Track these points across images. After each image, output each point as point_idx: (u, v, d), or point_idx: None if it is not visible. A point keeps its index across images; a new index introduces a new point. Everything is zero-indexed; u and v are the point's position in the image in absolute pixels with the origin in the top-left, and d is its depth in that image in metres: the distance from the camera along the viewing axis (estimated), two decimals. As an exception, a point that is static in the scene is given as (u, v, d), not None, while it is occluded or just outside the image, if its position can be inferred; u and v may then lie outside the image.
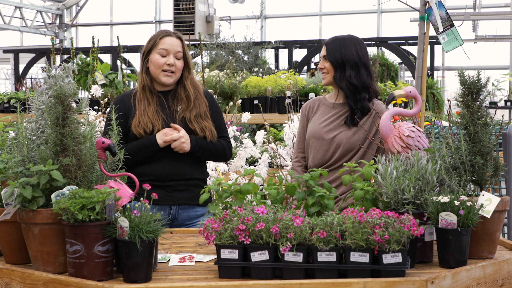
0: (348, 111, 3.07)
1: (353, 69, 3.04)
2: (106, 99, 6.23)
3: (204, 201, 2.48)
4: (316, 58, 11.25)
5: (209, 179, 3.74)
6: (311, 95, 6.66)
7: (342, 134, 3.02)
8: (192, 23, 12.63)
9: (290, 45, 11.97)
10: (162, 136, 2.92)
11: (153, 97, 3.02)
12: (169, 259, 2.27)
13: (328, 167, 3.02)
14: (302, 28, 15.06)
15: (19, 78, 12.08)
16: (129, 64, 9.57)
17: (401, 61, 11.15)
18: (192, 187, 2.99)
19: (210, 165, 4.14)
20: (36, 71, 13.69)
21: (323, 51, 3.10)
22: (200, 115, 3.01)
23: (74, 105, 2.17)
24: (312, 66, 10.88)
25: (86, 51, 10.66)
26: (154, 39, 3.03)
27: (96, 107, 6.11)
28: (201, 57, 6.01)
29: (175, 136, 2.91)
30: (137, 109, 2.99)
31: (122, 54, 8.49)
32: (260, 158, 4.52)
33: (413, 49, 11.17)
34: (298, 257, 1.99)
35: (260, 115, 6.20)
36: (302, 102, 6.34)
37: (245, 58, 11.67)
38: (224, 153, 3.08)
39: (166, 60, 2.98)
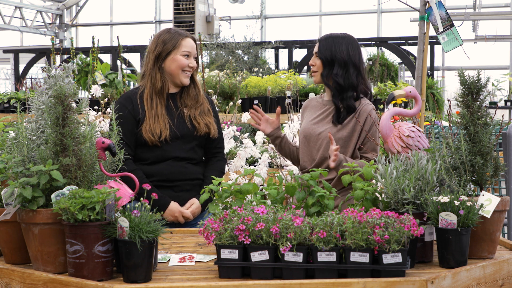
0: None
1: (341, 67, 3.02)
2: (106, 99, 6.22)
3: (204, 201, 2.49)
4: (316, 58, 11.24)
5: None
6: (311, 95, 6.67)
7: (327, 131, 3.01)
8: (192, 23, 12.63)
9: (290, 45, 11.98)
10: (173, 216, 2.95)
11: (163, 99, 3.02)
12: (169, 259, 2.27)
13: (316, 166, 3.00)
14: (302, 28, 15.07)
15: (19, 78, 12.09)
16: (129, 64, 9.57)
17: (401, 61, 11.15)
18: (197, 187, 3.02)
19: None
20: (36, 71, 13.70)
21: (316, 47, 3.10)
22: (204, 112, 3.08)
23: (74, 105, 2.17)
24: (312, 66, 10.86)
25: (86, 51, 10.66)
26: (175, 40, 3.00)
27: (96, 107, 6.11)
28: (201, 57, 6.01)
29: (181, 220, 2.98)
30: (148, 112, 2.97)
31: (122, 54, 8.49)
32: (260, 158, 4.52)
33: (413, 49, 11.17)
34: (298, 257, 1.99)
35: (260, 115, 6.17)
36: (302, 102, 6.30)
37: (245, 58, 11.67)
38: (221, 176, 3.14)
39: (189, 62, 3.03)
